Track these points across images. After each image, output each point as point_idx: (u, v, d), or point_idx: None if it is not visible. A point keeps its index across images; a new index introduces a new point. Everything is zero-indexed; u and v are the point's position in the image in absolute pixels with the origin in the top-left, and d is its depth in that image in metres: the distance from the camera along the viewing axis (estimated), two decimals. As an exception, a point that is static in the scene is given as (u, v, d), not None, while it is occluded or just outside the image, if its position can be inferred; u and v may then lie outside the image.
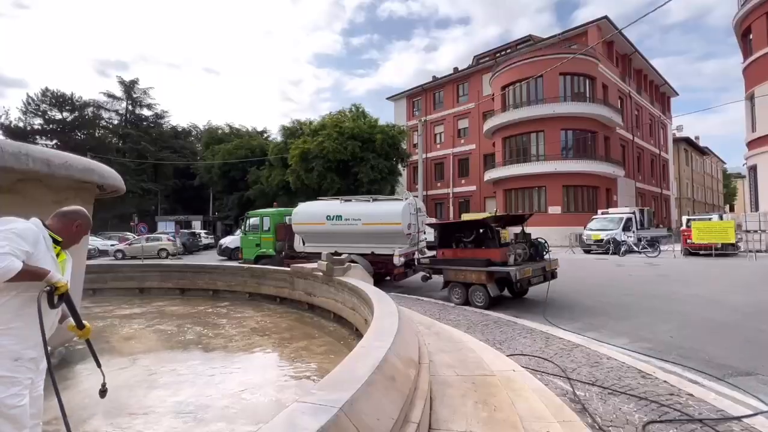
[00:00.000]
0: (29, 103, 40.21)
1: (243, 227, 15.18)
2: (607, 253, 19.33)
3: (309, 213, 12.25)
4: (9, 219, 2.03)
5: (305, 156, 27.16)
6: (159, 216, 41.54)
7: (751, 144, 22.80)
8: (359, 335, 5.01)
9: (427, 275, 9.56)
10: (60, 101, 40.81)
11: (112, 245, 25.48)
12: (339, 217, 11.47)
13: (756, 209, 21.36)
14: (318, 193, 24.57)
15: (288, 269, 7.46)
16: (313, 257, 10.67)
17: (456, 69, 39.23)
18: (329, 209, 11.80)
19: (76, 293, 4.60)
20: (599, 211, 23.99)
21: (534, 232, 10.68)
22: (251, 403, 3.34)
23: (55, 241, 2.14)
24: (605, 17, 29.26)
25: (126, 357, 4.54)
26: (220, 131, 44.83)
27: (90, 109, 42.87)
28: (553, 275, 8.79)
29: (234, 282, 8.24)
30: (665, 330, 6.24)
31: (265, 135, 45.11)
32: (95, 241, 25.76)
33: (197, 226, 36.87)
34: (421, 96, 41.17)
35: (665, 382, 4.05)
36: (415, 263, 10.42)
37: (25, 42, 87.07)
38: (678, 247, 18.90)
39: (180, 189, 46.15)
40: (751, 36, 22.75)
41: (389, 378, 2.16)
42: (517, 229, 10.02)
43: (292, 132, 32.28)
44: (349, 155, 26.71)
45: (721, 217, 20.42)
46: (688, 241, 17.82)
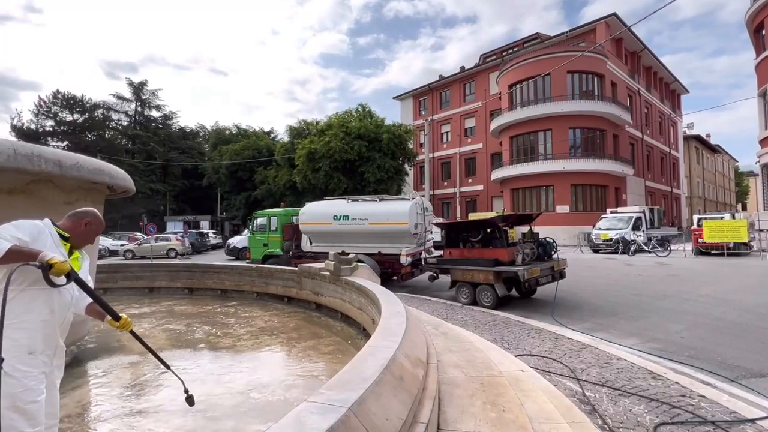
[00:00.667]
0: (41, 106, 40.78)
1: (251, 227, 15.27)
2: (616, 253, 19.14)
3: (316, 213, 12.28)
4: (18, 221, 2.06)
5: (312, 156, 27.24)
6: (168, 216, 41.94)
7: (764, 141, 22.41)
8: (367, 335, 5.01)
9: (434, 275, 9.54)
10: (71, 103, 41.34)
11: (122, 245, 25.78)
12: (346, 217, 11.49)
13: (769, 208, 21.01)
14: (325, 193, 24.65)
15: (295, 269, 7.49)
16: (321, 257, 10.70)
17: (462, 68, 39.07)
18: (336, 209, 11.82)
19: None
20: (608, 210, 23.76)
21: (542, 231, 10.62)
22: (260, 402, 3.36)
23: (64, 238, 2.16)
24: (614, 14, 28.95)
25: (136, 355, 4.59)
26: (227, 132, 45.15)
27: (100, 111, 43.37)
28: (562, 275, 8.72)
29: (242, 282, 8.29)
30: (676, 330, 6.16)
31: (272, 135, 45.34)
32: (105, 242, 26.08)
33: (205, 226, 37.17)
34: (428, 95, 41.07)
35: (677, 383, 4.00)
36: (422, 263, 10.40)
37: (38, 45, 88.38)
38: (689, 247, 18.65)
39: (188, 189, 46.54)
40: (764, 32, 22.34)
41: (398, 378, 2.15)
42: (525, 229, 9.95)
43: (298, 132, 32.41)
44: (356, 155, 26.74)
45: (734, 216, 20.11)
46: (699, 241, 17.57)
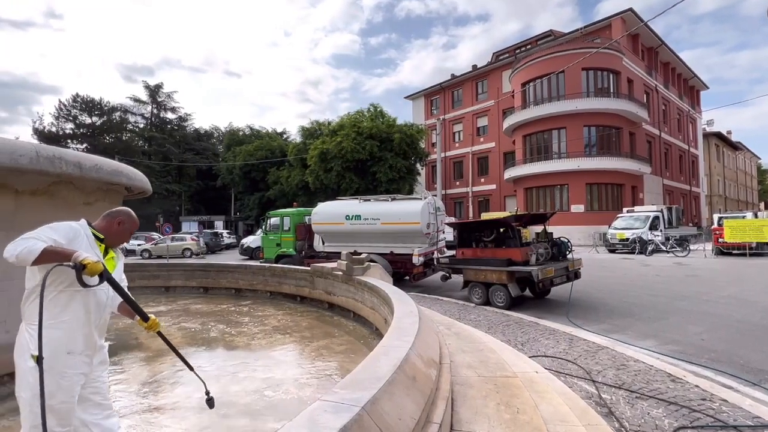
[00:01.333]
0: (61, 109, 41.85)
1: (264, 227, 15.42)
2: (633, 253, 18.77)
3: (328, 213, 12.34)
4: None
5: (324, 156, 27.37)
6: (183, 216, 42.65)
7: (788, 138, 21.69)
8: (379, 334, 5.02)
9: (447, 275, 9.50)
10: (89, 106, 42.33)
11: (138, 245, 26.30)
12: (358, 217, 11.52)
13: (794, 206, 20.32)
14: (337, 193, 24.76)
15: (308, 268, 7.54)
16: (333, 257, 10.75)
17: (475, 66, 38.80)
18: (348, 209, 11.86)
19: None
20: (624, 210, 23.32)
21: (556, 231, 10.48)
22: (274, 400, 3.39)
23: (99, 239, 2.21)
24: (630, 9, 28.38)
25: (153, 353, 4.68)
26: (240, 133, 45.68)
27: (117, 114, 44.29)
28: (577, 275, 8.60)
29: (255, 281, 8.38)
30: (696, 332, 6.01)
31: (285, 136, 45.72)
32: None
33: (219, 226, 37.70)
34: (440, 94, 40.90)
35: (696, 386, 3.90)
36: (435, 263, 10.37)
37: (58, 50, 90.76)
38: (709, 247, 18.18)
39: (203, 190, 47.23)
40: (788, 25, 21.62)
41: (410, 378, 2.15)
42: (539, 228, 9.84)
43: (311, 132, 32.60)
44: (368, 155, 26.78)
45: (756, 215, 19.53)
46: (719, 240, 17.12)
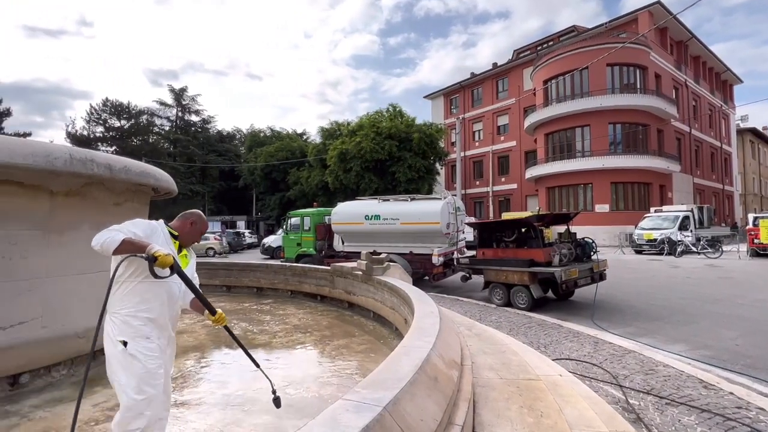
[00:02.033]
0: (92, 113, 43.49)
1: (284, 227, 15.62)
2: (662, 254, 18.14)
3: (348, 213, 12.40)
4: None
5: (343, 156, 27.53)
6: (207, 216, 43.59)
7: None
8: (399, 335, 5.01)
9: (467, 275, 9.41)
10: (118, 110, 43.84)
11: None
12: (377, 217, 11.53)
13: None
14: (356, 193, 24.86)
15: (328, 268, 7.60)
16: (353, 256, 10.80)
17: (495, 64, 38.30)
18: (367, 209, 11.89)
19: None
20: (652, 209, 22.56)
21: (580, 231, 10.24)
22: (295, 398, 3.42)
23: (174, 237, 2.37)
24: (658, 2, 27.43)
25: (179, 349, 4.79)
26: (262, 134, 46.43)
27: (144, 117, 45.71)
28: (602, 276, 8.37)
29: (277, 280, 8.50)
30: (730, 337, 5.76)
31: (305, 137, 46.19)
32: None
33: (241, 225, 38.43)
34: (459, 93, 40.55)
35: (731, 393, 3.73)
36: (454, 263, 10.28)
37: (89, 56, 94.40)
38: (743, 248, 17.39)
39: (225, 190, 48.23)
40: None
41: (432, 379, 2.13)
42: (561, 229, 9.63)
43: (330, 133, 32.84)
44: (387, 155, 26.79)
45: (795, 215, 18.55)
46: (755, 241, 16.35)
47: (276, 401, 2.39)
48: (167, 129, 47.88)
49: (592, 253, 8.59)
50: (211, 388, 3.66)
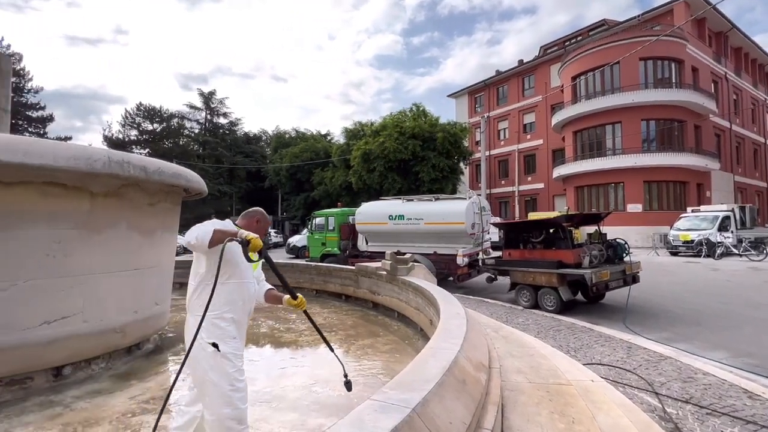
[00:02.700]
0: (127, 117, 45.41)
1: (309, 227, 15.82)
2: (699, 256, 17.30)
3: (371, 213, 12.44)
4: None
5: (367, 157, 27.63)
6: (233, 216, 44.64)
7: None
8: (424, 335, 4.98)
9: (492, 276, 9.26)
10: (151, 114, 45.59)
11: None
12: (401, 217, 11.51)
13: None
14: (379, 193, 24.90)
15: (352, 268, 7.63)
16: (377, 256, 10.81)
17: (521, 61, 37.54)
18: (391, 209, 11.88)
19: (166, 287, 5.10)
20: (689, 209, 21.55)
21: (610, 232, 9.90)
22: (321, 397, 3.45)
23: None
24: (695, -8, 26.21)
25: (209, 346, 4.93)
26: (287, 135, 47.23)
27: (175, 120, 47.33)
28: (635, 279, 8.07)
29: (302, 279, 8.60)
30: (776, 345, 5.43)
31: (329, 137, 46.67)
32: (180, 240, 28.41)
33: (267, 225, 39.01)
34: (484, 92, 39.98)
35: (779, 405, 3.51)
36: (479, 264, 10.13)
37: (124, 63, 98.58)
38: (790, 250, 16.36)
39: (252, 191, 49.31)
40: None
41: (460, 381, 2.10)
42: (591, 229, 9.33)
43: (354, 134, 33.03)
44: (410, 155, 26.70)
45: None
46: (803, 243, 15.36)
47: (347, 384, 2.43)
48: (197, 131, 49.41)
49: (624, 255, 8.29)
50: (240, 384, 3.74)
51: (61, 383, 3.62)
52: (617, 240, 8.46)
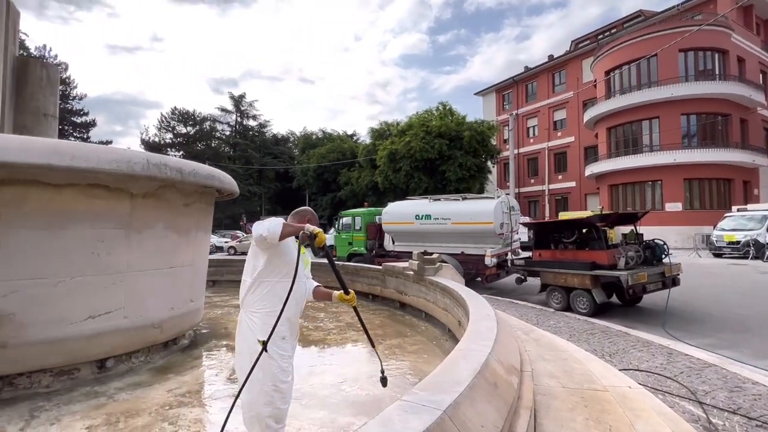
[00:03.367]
0: (162, 121, 47.41)
1: (336, 226, 15.98)
2: (746, 258, 16.29)
3: (398, 212, 12.43)
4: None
5: (393, 156, 27.64)
6: (263, 216, 45.86)
7: None
8: (452, 336, 4.92)
9: (522, 277, 9.07)
10: (185, 117, 47.40)
11: (225, 242, 28.82)
12: (428, 217, 11.44)
13: None
14: (406, 193, 24.85)
15: (380, 267, 7.65)
16: (403, 256, 10.80)
17: (551, 57, 36.52)
18: (418, 208, 11.84)
19: (200, 285, 5.27)
20: (734, 208, 20.32)
21: (648, 232, 9.47)
22: (350, 395, 3.48)
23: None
24: (740, -22, 24.67)
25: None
26: (314, 136, 47.90)
27: (207, 123, 49.00)
28: (675, 282, 7.69)
29: (330, 278, 8.69)
30: (836, 354, 5.04)
31: (355, 138, 47.02)
32: (212, 239, 29.41)
33: (295, 225, 39.67)
34: (512, 88, 39.18)
35: (840, 419, 3.26)
36: (508, 264, 9.94)
37: (160, 69, 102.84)
38: None
39: (280, 191, 50.34)
40: None
41: (492, 384, 2.06)
42: (626, 229, 8.97)
43: (380, 133, 33.12)
44: (436, 154, 26.51)
45: None
46: None
47: (383, 381, 2.46)
48: (228, 134, 50.94)
49: (663, 256, 7.92)
50: (271, 380, 3.81)
51: (105, 375, 3.81)
52: (655, 240, 8.09)
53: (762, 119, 26.62)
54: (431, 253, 6.90)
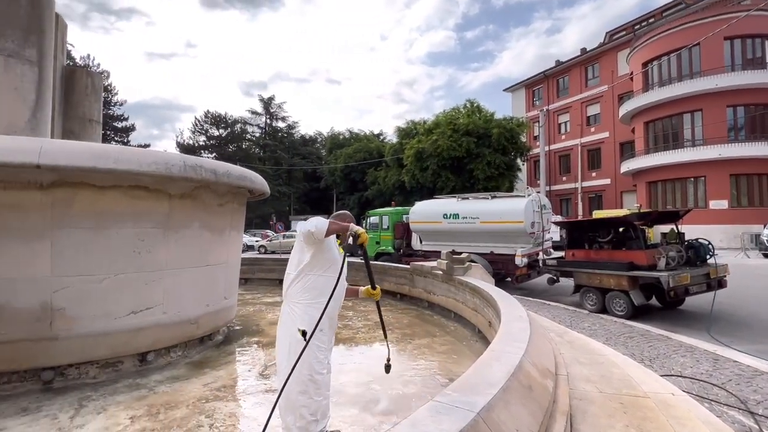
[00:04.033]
0: (196, 124, 49.24)
1: (363, 226, 16.06)
2: (800, 259, 15.19)
3: (426, 211, 12.36)
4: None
5: (420, 155, 27.50)
6: (292, 215, 46.76)
7: None
8: (482, 337, 4.85)
9: (554, 278, 8.81)
10: (217, 120, 48.99)
11: (256, 241, 29.55)
12: (456, 216, 11.32)
13: None
14: (433, 192, 24.67)
15: (407, 267, 7.63)
16: (431, 255, 10.73)
17: (584, 50, 35.28)
18: (446, 207, 11.72)
19: (233, 283, 5.43)
20: (786, 205, 18.99)
21: (690, 231, 8.99)
22: (379, 394, 3.48)
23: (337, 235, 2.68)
24: (794, -42, 22.94)
25: (272, 338, 5.17)
26: (341, 136, 48.38)
27: (238, 126, 50.44)
28: (721, 284, 7.27)
29: (358, 277, 8.75)
30: None
31: (382, 137, 47.13)
32: (244, 238, 30.22)
33: (323, 224, 40.23)
34: (543, 84, 38.12)
35: None
36: (540, 264, 9.68)
37: (194, 74, 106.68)
38: None
39: (308, 191, 51.16)
40: None
41: (526, 387, 2.01)
42: (666, 228, 8.55)
43: (406, 132, 33.04)
44: (464, 152, 26.17)
45: None
46: None
47: (387, 367, 2.67)
48: (257, 135, 52.24)
49: (708, 257, 7.50)
50: (302, 377, 3.87)
51: (146, 368, 3.99)
52: (699, 240, 7.67)
53: (819, 109, 24.69)
54: (460, 253, 6.82)
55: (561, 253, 9.17)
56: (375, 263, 8.95)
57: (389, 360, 2.68)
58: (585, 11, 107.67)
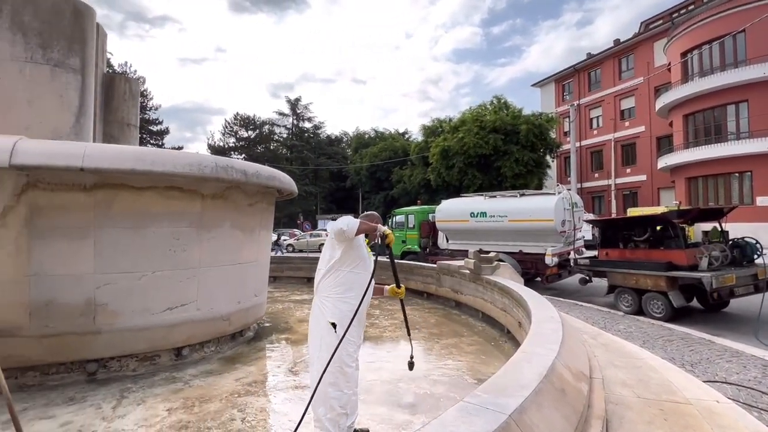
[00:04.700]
0: (226, 126, 50.74)
1: (389, 224, 16.07)
2: None
3: (452, 210, 12.24)
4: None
5: (445, 153, 27.23)
6: (319, 215, 47.40)
7: None
8: (511, 338, 4.75)
9: (586, 278, 8.54)
10: (246, 122, 50.27)
11: (284, 240, 30.13)
12: (483, 214, 11.14)
13: None
14: (459, 190, 24.39)
15: (434, 266, 7.58)
16: (457, 254, 10.61)
17: (617, 41, 33.90)
18: (473, 206, 11.57)
19: (263, 280, 5.54)
20: (844, 201, 17.62)
21: (734, 229, 8.49)
22: (407, 393, 3.48)
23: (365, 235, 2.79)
24: None
25: (301, 336, 5.26)
26: (366, 136, 48.59)
27: (266, 127, 51.59)
28: (770, 285, 6.81)
29: (384, 276, 8.77)
30: None
31: (407, 136, 47.03)
32: (272, 237, 30.86)
33: (349, 223, 40.60)
34: (573, 78, 36.92)
35: None
36: (571, 264, 9.40)
37: (224, 77, 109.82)
38: None
39: (334, 190, 51.71)
40: None
41: (559, 390, 1.95)
42: (708, 227, 8.11)
43: (432, 131, 32.79)
44: (491, 149, 25.70)
45: None
46: None
47: (410, 365, 2.81)
48: (285, 136, 53.22)
49: (755, 256, 7.06)
50: (330, 374, 3.91)
51: (181, 362, 4.14)
52: (745, 239, 7.23)
53: None
54: (487, 252, 6.71)
55: (593, 253, 8.87)
56: (401, 262, 8.94)
57: (412, 357, 2.75)
58: (617, 2, 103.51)
